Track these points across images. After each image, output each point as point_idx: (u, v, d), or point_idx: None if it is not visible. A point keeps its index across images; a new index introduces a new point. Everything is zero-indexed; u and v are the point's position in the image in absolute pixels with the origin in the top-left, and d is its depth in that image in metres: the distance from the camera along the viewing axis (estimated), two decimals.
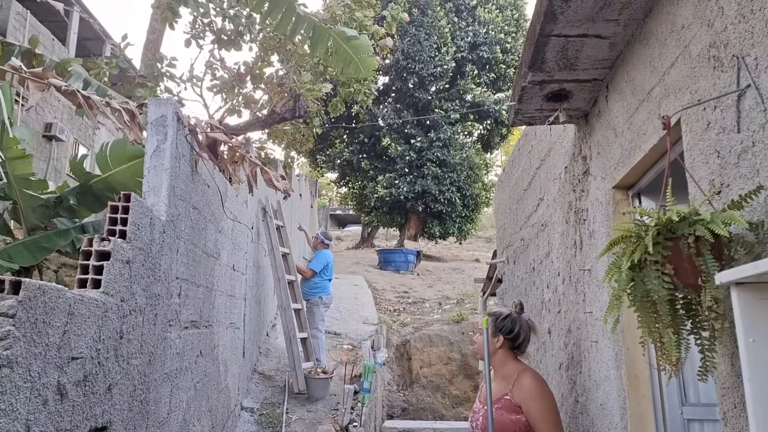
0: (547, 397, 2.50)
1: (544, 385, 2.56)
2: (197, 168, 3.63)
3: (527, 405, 2.44)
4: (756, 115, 1.46)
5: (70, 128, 12.09)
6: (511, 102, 2.98)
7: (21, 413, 1.65)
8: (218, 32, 7.36)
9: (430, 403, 9.47)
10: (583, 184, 2.97)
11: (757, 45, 1.45)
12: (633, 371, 2.39)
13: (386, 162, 17.74)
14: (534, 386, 2.50)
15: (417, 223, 18.35)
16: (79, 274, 2.28)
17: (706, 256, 1.45)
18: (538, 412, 2.43)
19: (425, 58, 16.39)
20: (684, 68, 1.85)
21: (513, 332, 2.65)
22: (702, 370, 1.52)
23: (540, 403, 2.45)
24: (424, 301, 12.17)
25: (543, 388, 2.52)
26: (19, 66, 3.10)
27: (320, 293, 7.24)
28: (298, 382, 6.21)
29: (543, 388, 2.52)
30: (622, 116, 2.41)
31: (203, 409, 3.97)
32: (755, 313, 1.30)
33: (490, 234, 23.16)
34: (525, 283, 4.50)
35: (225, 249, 4.65)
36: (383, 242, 23.34)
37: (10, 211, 4.25)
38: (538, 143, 4.08)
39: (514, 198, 4.99)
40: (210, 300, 4.13)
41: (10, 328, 1.59)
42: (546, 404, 2.46)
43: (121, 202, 2.53)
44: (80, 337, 2.02)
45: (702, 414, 2.25)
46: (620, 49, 2.37)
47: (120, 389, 2.41)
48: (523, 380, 2.52)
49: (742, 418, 1.47)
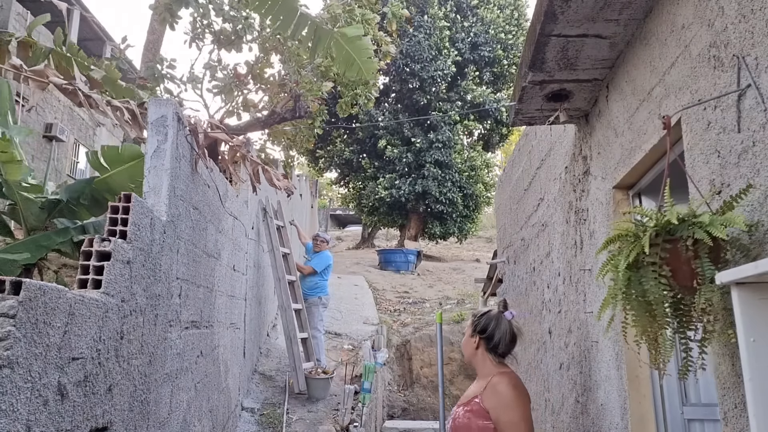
0: (520, 406, 2.26)
1: (519, 392, 2.31)
2: (197, 168, 3.63)
3: (496, 412, 2.24)
4: (756, 115, 1.46)
5: (70, 129, 12.09)
6: (511, 102, 2.97)
7: (22, 413, 1.65)
8: (218, 33, 7.36)
9: (430, 404, 9.47)
10: (584, 184, 2.97)
11: (758, 45, 1.45)
12: (634, 371, 2.39)
13: (386, 162, 17.75)
14: (506, 393, 2.27)
15: (417, 223, 18.35)
16: (80, 274, 2.28)
17: (703, 259, 1.45)
18: (507, 423, 2.21)
19: (425, 59, 16.39)
20: (684, 68, 1.85)
21: (486, 331, 2.46)
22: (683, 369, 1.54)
23: (510, 413, 2.23)
24: (425, 301, 12.18)
25: (516, 397, 2.27)
26: (20, 65, 3.10)
27: (320, 293, 7.26)
28: (299, 383, 6.21)
29: (516, 397, 2.27)
30: (623, 116, 2.41)
31: (204, 410, 3.97)
32: (756, 312, 1.30)
33: (490, 234, 23.15)
34: (525, 283, 4.50)
35: (225, 249, 4.65)
36: (384, 242, 23.34)
37: (8, 212, 4.25)
38: (538, 143, 4.08)
39: (515, 198, 4.99)
40: (210, 300, 4.13)
41: (10, 328, 1.59)
42: (517, 414, 2.23)
43: (121, 203, 2.53)
44: (81, 338, 2.02)
45: (703, 414, 2.25)
46: (620, 49, 2.37)
47: (120, 389, 2.41)
48: (496, 385, 2.30)
49: (743, 417, 1.47)
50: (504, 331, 2.45)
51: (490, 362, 2.43)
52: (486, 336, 2.45)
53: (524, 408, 2.27)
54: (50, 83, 3.11)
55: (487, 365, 2.43)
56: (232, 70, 7.55)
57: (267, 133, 9.39)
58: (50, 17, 4.88)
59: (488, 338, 2.45)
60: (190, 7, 6.81)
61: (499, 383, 2.30)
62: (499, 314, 2.51)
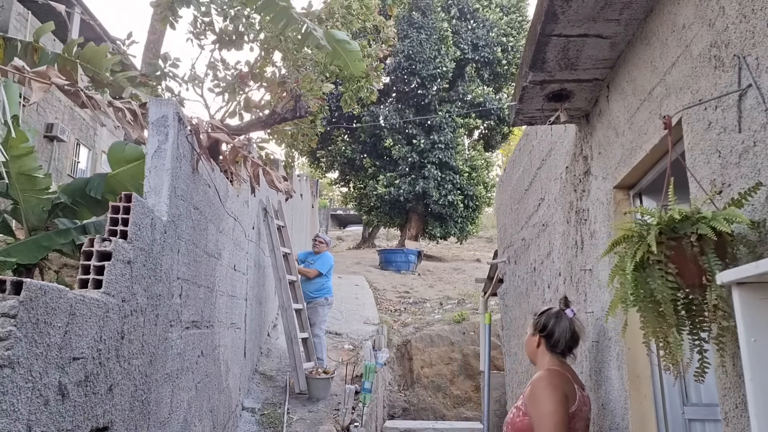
0: (549, 402, 2.16)
1: (552, 388, 2.21)
2: (198, 168, 3.63)
3: (527, 407, 2.23)
4: (757, 115, 1.46)
5: (71, 129, 12.10)
6: (512, 102, 2.96)
7: (22, 413, 1.65)
8: (219, 32, 7.36)
9: (431, 404, 9.47)
10: (584, 184, 2.97)
11: (758, 45, 1.45)
12: (634, 371, 2.38)
13: (387, 162, 17.76)
14: (537, 387, 2.22)
15: (418, 223, 18.36)
16: (81, 274, 2.28)
17: (710, 255, 1.44)
18: (534, 417, 2.18)
19: (426, 59, 16.41)
20: (685, 68, 1.85)
21: (546, 329, 2.42)
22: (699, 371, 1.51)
23: (537, 407, 2.18)
24: (425, 301, 12.17)
25: (546, 392, 2.19)
26: (22, 66, 3.10)
27: (326, 294, 7.19)
28: (299, 383, 6.21)
29: (546, 392, 2.19)
30: (623, 116, 2.41)
31: (204, 410, 3.97)
32: (756, 312, 1.30)
33: (491, 234, 23.15)
34: (526, 283, 4.50)
35: (226, 249, 4.65)
36: (384, 242, 23.34)
37: (10, 212, 4.26)
38: (539, 143, 4.07)
39: (515, 198, 4.98)
40: (211, 300, 4.13)
41: (11, 328, 1.60)
42: (544, 409, 2.15)
43: (122, 203, 2.53)
44: (81, 338, 2.02)
45: (703, 414, 2.25)
46: (621, 48, 2.37)
47: (121, 389, 2.41)
48: (534, 380, 2.27)
49: (744, 418, 1.47)
50: (564, 329, 2.42)
51: (549, 360, 2.40)
52: (546, 334, 2.42)
53: (554, 403, 2.16)
54: (52, 84, 3.11)
55: (545, 364, 2.40)
56: (235, 71, 7.55)
57: (268, 133, 9.39)
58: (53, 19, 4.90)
59: (548, 336, 2.42)
60: (192, 6, 6.81)
61: (537, 378, 2.28)
62: (559, 312, 2.47)
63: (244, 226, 5.56)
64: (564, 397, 2.21)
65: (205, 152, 3.64)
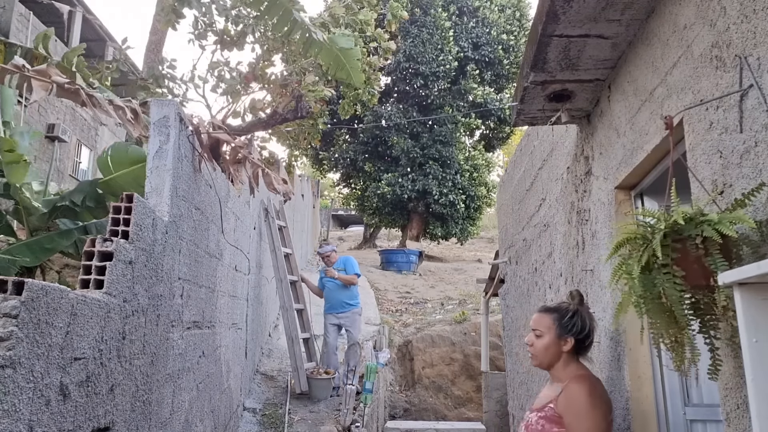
0: (594, 417, 2.00)
1: (596, 400, 2.04)
2: (199, 168, 3.63)
3: (568, 419, 2.03)
4: (758, 115, 1.46)
5: (72, 129, 12.11)
6: (513, 102, 2.96)
7: (24, 414, 1.65)
8: (221, 33, 7.36)
9: (432, 404, 9.46)
10: (586, 185, 2.96)
11: (760, 45, 1.45)
12: (636, 371, 2.38)
13: (389, 162, 17.77)
14: (580, 400, 2.03)
15: (419, 224, 18.36)
16: (82, 274, 2.28)
17: (715, 256, 1.44)
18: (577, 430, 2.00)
19: (428, 58, 16.41)
20: (686, 68, 1.85)
21: (585, 330, 2.18)
22: (712, 369, 1.51)
23: (581, 422, 2.00)
24: (426, 301, 12.17)
25: (591, 405, 2.02)
26: (22, 65, 3.10)
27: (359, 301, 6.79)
28: (301, 383, 6.22)
29: (591, 405, 2.02)
30: (625, 116, 2.41)
31: (205, 410, 3.97)
32: (758, 313, 1.29)
33: (492, 234, 23.13)
34: (527, 283, 4.50)
35: (227, 249, 4.65)
36: (385, 243, 23.33)
37: (12, 212, 4.26)
38: (540, 144, 4.07)
39: (516, 198, 4.98)
40: (212, 300, 4.14)
41: (13, 328, 1.60)
42: (589, 423, 1.98)
43: (123, 203, 2.53)
44: (83, 338, 2.02)
45: (705, 414, 2.24)
46: (622, 49, 2.37)
47: (122, 390, 2.42)
48: (572, 391, 2.06)
49: (745, 418, 1.47)
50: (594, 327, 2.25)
51: (573, 364, 2.19)
52: (582, 337, 2.19)
53: (599, 418, 2.02)
54: (53, 83, 3.11)
55: (569, 368, 2.18)
56: (239, 72, 7.55)
57: (269, 133, 9.40)
58: (54, 20, 4.91)
59: (584, 338, 2.20)
60: (194, 7, 6.81)
61: (576, 389, 2.07)
62: (587, 309, 2.26)
63: (245, 227, 5.56)
64: (609, 410, 2.09)
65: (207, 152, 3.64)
